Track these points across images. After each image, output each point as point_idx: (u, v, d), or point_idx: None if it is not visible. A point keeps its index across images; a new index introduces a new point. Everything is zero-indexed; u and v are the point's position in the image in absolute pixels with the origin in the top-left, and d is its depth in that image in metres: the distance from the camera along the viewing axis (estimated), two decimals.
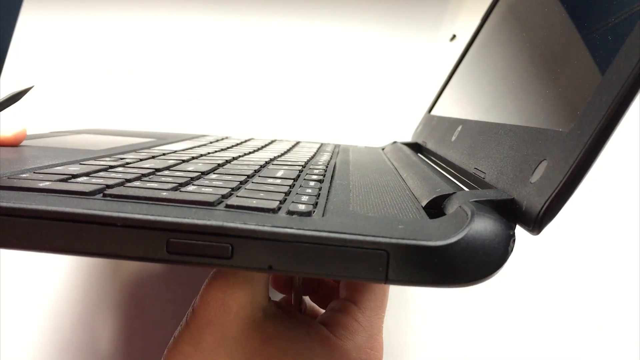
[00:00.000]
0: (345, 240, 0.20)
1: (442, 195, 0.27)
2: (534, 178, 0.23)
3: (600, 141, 0.20)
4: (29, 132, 0.51)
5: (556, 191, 0.20)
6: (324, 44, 0.74)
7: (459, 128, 0.42)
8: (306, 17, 0.74)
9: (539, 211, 0.21)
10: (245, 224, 0.21)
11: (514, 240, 0.21)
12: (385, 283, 0.21)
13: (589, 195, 0.62)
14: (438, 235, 0.21)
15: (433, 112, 0.60)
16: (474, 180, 0.32)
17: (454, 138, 0.43)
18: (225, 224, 0.21)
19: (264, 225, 0.21)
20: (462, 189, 0.29)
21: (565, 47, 0.29)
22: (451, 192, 0.27)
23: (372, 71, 0.73)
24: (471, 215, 0.22)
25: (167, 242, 0.21)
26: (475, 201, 0.24)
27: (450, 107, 0.53)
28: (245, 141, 0.59)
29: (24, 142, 0.44)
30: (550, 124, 0.25)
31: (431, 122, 0.57)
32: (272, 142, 0.61)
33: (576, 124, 0.22)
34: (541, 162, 0.23)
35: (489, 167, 0.30)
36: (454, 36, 0.65)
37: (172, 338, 0.32)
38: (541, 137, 0.25)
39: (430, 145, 0.51)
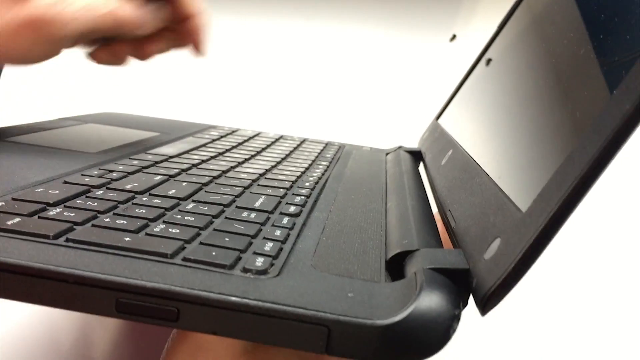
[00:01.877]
0: (287, 313, 0.21)
1: (405, 251, 0.27)
2: (488, 255, 0.23)
3: (547, 235, 0.20)
4: (41, 118, 0.53)
5: (499, 281, 0.20)
6: (343, 45, 0.74)
7: (449, 153, 0.42)
8: (324, 19, 0.73)
9: (484, 295, 0.21)
10: (191, 289, 0.21)
11: (459, 320, 0.22)
12: (326, 354, 0.21)
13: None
14: (381, 312, 0.21)
15: (440, 120, 0.60)
16: (446, 223, 0.32)
17: (443, 162, 0.42)
18: (172, 288, 0.21)
19: (209, 292, 0.21)
20: (428, 240, 0.29)
21: (545, 113, 0.28)
22: (414, 248, 0.27)
23: (389, 71, 0.73)
24: (419, 290, 0.22)
25: (116, 301, 0.21)
26: (431, 268, 0.24)
27: (453, 122, 0.53)
28: (251, 138, 0.60)
29: (27, 137, 0.45)
30: (513, 192, 0.25)
31: (435, 133, 0.56)
32: (278, 139, 0.61)
33: (530, 208, 0.22)
34: (495, 239, 0.23)
35: (459, 216, 0.30)
36: (454, 36, 0.65)
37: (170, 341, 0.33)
38: (502, 207, 0.25)
39: (427, 159, 0.51)
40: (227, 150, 0.50)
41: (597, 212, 0.61)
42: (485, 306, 0.21)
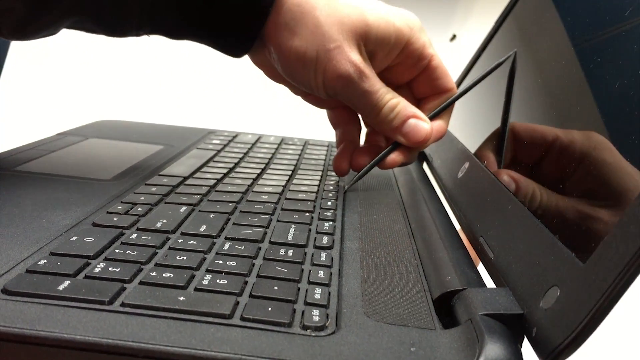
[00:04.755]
0: None
1: (452, 291, 0.27)
2: (545, 303, 0.23)
3: (619, 294, 0.20)
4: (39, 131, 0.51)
5: (571, 337, 0.21)
6: None
7: (466, 165, 0.42)
8: None
9: (553, 350, 0.21)
10: (261, 357, 0.21)
11: None
12: None
13: None
14: None
15: None
16: (481, 252, 0.32)
17: (460, 175, 0.43)
18: (243, 358, 0.21)
19: None
20: (470, 275, 0.29)
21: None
22: (459, 288, 0.27)
23: None
24: (481, 342, 0.22)
25: None
26: (485, 314, 0.24)
27: (458, 122, 0.53)
28: (254, 144, 0.59)
29: (36, 164, 0.44)
30: (559, 232, 0.25)
31: None
32: (280, 144, 0.60)
33: (593, 261, 0.22)
34: (552, 287, 0.23)
35: (497, 247, 0.30)
36: (454, 36, 0.65)
37: None
38: (554, 250, 0.25)
39: (436, 165, 0.51)
40: (237, 164, 0.50)
41: None
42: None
